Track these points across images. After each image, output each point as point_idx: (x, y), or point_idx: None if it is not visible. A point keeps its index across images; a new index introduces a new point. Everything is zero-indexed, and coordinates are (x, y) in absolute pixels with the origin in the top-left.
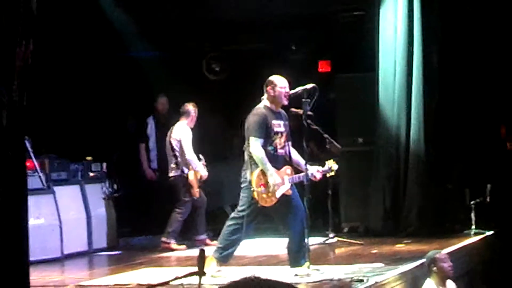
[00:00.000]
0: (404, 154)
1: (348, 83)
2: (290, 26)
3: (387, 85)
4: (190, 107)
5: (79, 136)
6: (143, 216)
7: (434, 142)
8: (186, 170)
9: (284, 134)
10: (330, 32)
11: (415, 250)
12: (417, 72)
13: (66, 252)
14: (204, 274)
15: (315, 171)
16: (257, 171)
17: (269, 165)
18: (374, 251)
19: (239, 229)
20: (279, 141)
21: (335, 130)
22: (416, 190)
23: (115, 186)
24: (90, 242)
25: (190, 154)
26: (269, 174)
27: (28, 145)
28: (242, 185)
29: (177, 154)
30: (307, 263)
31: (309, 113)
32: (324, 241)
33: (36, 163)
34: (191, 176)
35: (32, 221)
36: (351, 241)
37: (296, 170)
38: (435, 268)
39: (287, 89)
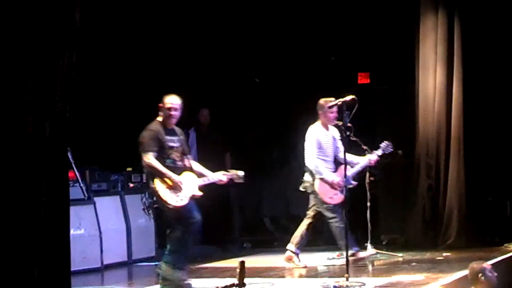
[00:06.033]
0: (444, 166)
1: (387, 95)
2: (330, 38)
3: (426, 97)
4: (321, 102)
5: (120, 146)
6: None
7: (474, 154)
8: (309, 178)
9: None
10: (369, 44)
11: (455, 263)
12: (458, 84)
13: (105, 262)
14: (244, 285)
15: (220, 176)
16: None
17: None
18: (413, 264)
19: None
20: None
21: (373, 142)
22: (456, 202)
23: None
24: (129, 253)
25: (308, 161)
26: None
27: (69, 155)
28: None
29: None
30: (346, 275)
31: (349, 124)
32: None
33: (77, 173)
34: (316, 185)
35: (72, 231)
36: (390, 253)
37: None
38: (483, 278)
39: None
